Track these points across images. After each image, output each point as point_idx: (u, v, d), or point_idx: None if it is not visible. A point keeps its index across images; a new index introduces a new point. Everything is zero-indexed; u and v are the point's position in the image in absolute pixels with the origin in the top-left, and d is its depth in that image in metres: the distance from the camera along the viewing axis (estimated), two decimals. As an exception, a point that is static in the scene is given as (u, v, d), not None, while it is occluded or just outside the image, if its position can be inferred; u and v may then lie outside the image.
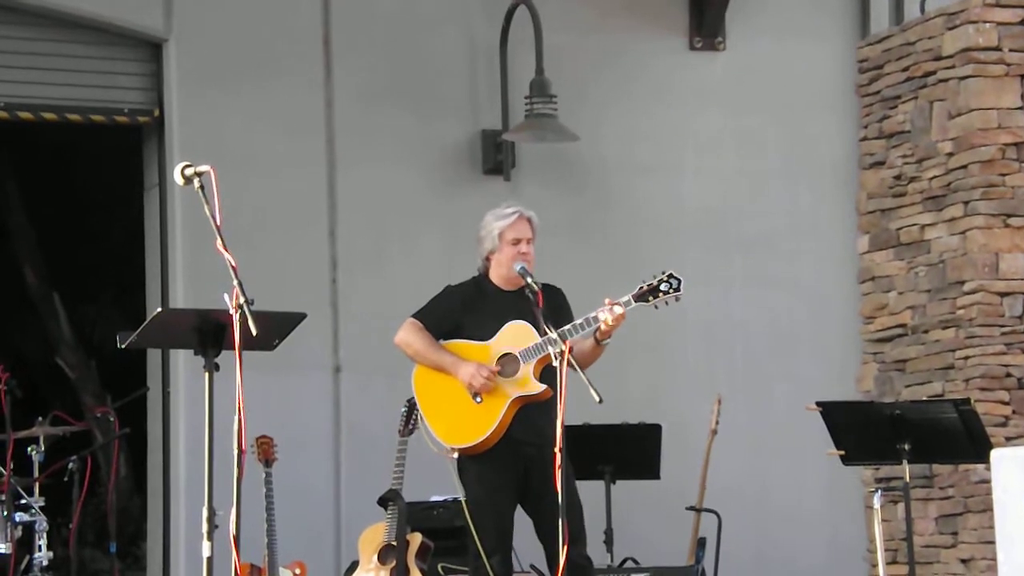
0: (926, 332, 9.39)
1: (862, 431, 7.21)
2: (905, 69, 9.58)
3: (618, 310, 6.39)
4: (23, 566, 7.71)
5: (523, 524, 6.70)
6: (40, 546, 7.71)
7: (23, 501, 7.76)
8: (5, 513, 7.51)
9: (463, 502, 6.57)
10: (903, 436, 7.06)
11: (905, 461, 7.08)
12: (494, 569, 6.49)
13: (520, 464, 6.56)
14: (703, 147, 9.69)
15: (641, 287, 6.49)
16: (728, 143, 9.72)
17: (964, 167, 9.24)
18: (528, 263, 6.62)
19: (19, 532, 7.65)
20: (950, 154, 9.31)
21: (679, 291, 6.49)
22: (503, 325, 6.61)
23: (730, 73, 9.78)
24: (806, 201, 9.82)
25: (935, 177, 9.39)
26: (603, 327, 6.43)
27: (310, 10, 9.13)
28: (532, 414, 6.56)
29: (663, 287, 6.47)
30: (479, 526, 6.53)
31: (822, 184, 9.86)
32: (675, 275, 6.50)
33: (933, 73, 9.40)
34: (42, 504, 7.80)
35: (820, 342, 9.71)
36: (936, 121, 9.40)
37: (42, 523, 7.73)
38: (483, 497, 6.56)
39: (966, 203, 9.24)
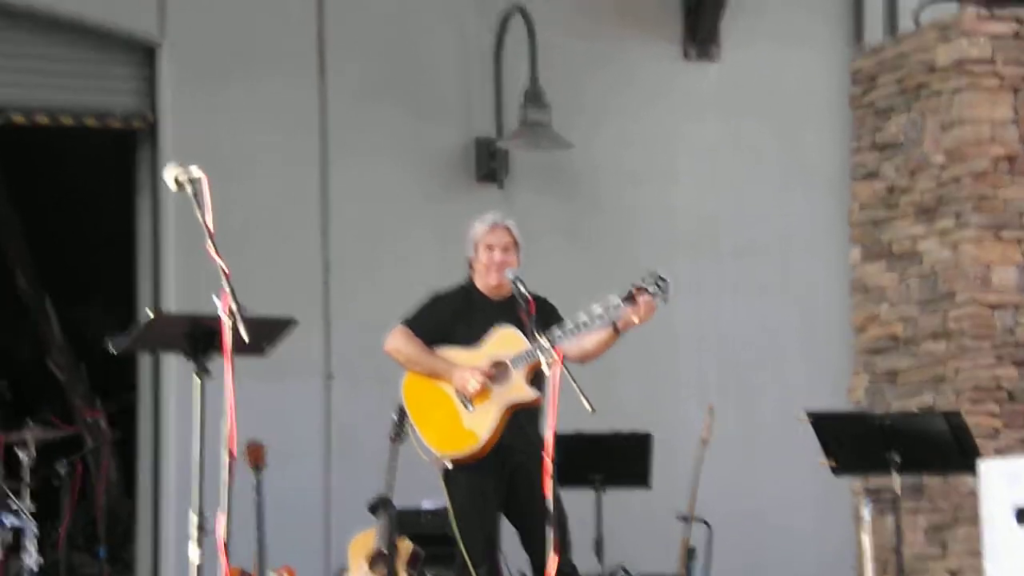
0: (917, 344, 9.40)
1: (852, 442, 7.21)
2: (898, 81, 9.59)
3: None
4: (13, 570, 7.69)
5: (512, 532, 6.69)
6: (30, 550, 7.69)
7: (12, 505, 7.74)
8: (-6, 517, 7.51)
9: (449, 511, 6.55)
10: (893, 447, 7.07)
11: (895, 472, 7.09)
12: (481, 579, 6.49)
13: (506, 472, 6.55)
14: (696, 156, 9.71)
15: (629, 290, 6.48)
16: (721, 152, 9.74)
17: (956, 179, 9.25)
18: (503, 271, 6.59)
19: (8, 536, 7.64)
20: (942, 166, 9.32)
21: (667, 293, 6.47)
22: (491, 332, 6.60)
23: (724, 82, 9.79)
24: (798, 211, 9.83)
25: (927, 189, 9.40)
26: (634, 320, 6.41)
27: (304, 14, 9.13)
28: (520, 421, 6.55)
29: (651, 289, 6.45)
30: (466, 535, 6.52)
31: (814, 194, 9.88)
32: (663, 276, 6.48)
33: (926, 85, 9.42)
34: (32, 508, 7.78)
35: (811, 352, 9.71)
36: (929, 133, 9.41)
37: (31, 527, 7.72)
38: (469, 506, 6.54)
39: (958, 215, 9.25)
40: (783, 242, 9.77)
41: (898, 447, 7.06)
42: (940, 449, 7.08)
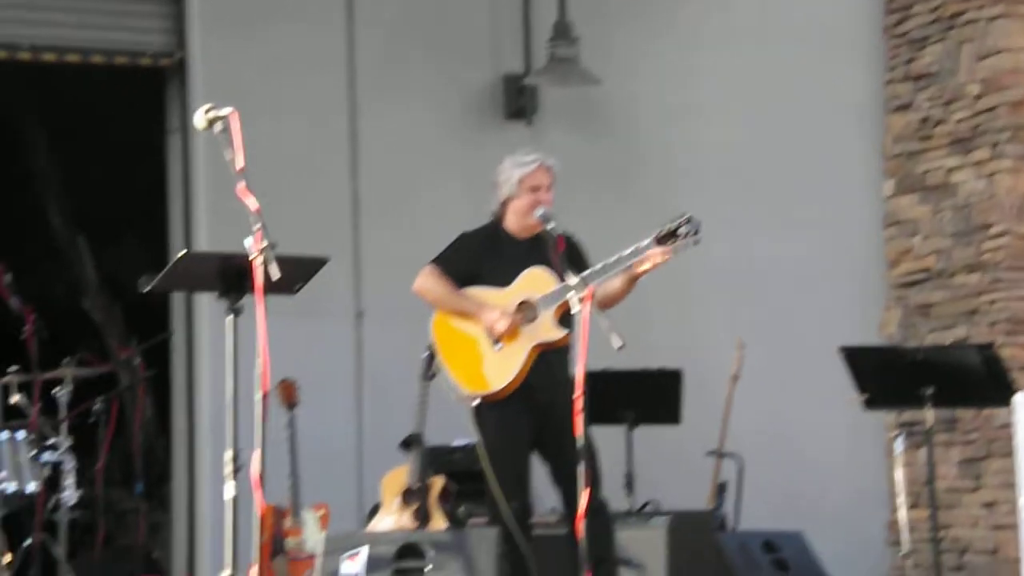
0: (951, 276, 9.37)
1: (885, 376, 7.21)
2: (933, 10, 9.51)
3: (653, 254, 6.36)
4: (51, 505, 7.77)
5: (542, 469, 6.71)
6: (67, 486, 7.77)
7: (50, 441, 7.81)
8: (33, 453, 7.57)
9: (480, 449, 6.57)
10: (926, 381, 7.06)
11: (928, 406, 7.08)
12: (512, 514, 6.51)
13: (536, 410, 6.57)
14: (728, 90, 9.65)
15: (659, 231, 6.46)
16: (754, 86, 9.68)
17: (992, 109, 9.19)
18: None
19: (47, 472, 7.71)
20: (978, 96, 9.26)
21: (698, 234, 6.44)
22: (520, 272, 6.60)
23: (756, 14, 9.72)
24: (831, 144, 9.78)
25: (962, 120, 9.35)
26: (646, 266, 6.39)
27: (333, -47, 9.10)
28: (550, 360, 6.56)
29: (681, 230, 6.42)
30: (496, 471, 6.54)
31: (848, 127, 9.82)
32: (693, 218, 6.45)
33: (961, 14, 9.34)
34: (69, 444, 7.85)
35: (844, 287, 9.69)
36: (964, 63, 9.34)
37: (69, 463, 7.79)
38: (499, 444, 6.56)
39: (993, 146, 9.19)
40: (816, 176, 9.72)
41: (931, 381, 7.06)
42: (974, 382, 7.07)
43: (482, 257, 6.68)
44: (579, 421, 5.87)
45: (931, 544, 7.26)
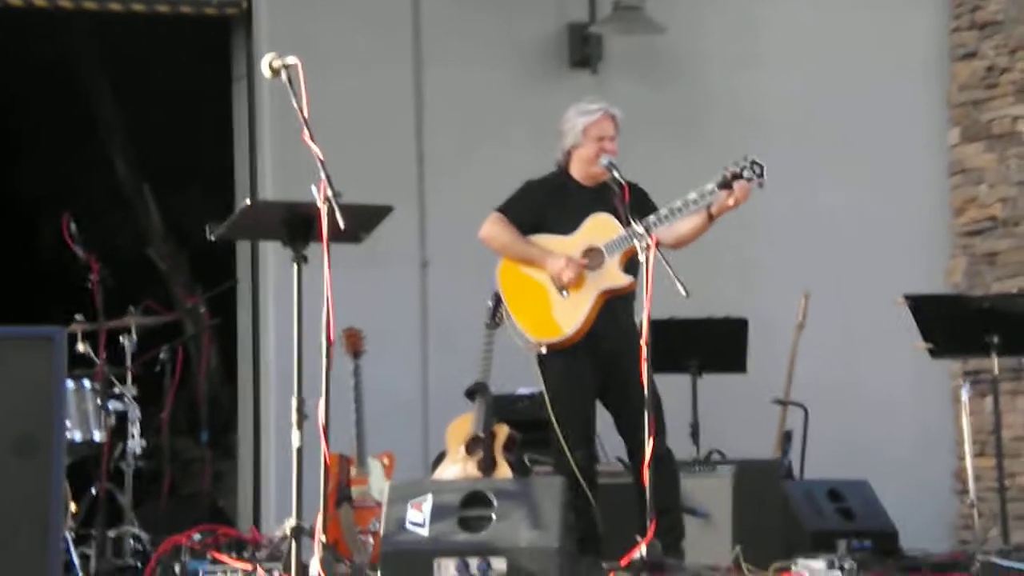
0: (1016, 225, 9.31)
1: (951, 324, 7.18)
2: (999, -43, 9.42)
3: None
4: (117, 454, 7.84)
5: (607, 417, 6.72)
6: (133, 434, 7.83)
7: (116, 390, 7.86)
8: (99, 401, 7.63)
9: (545, 397, 6.58)
10: (992, 329, 7.03)
11: (994, 354, 7.04)
12: (577, 463, 6.53)
13: (601, 358, 6.57)
14: (792, 39, 9.60)
15: (724, 175, 6.44)
16: (818, 35, 9.61)
17: (1058, 57, 9.11)
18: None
19: (113, 420, 7.77)
20: (1044, 44, 9.17)
21: (763, 177, 6.42)
22: (585, 219, 6.60)
23: (822, -37, 9.66)
24: (897, 93, 9.71)
25: (1028, 68, 9.27)
26: (729, 204, 6.36)
27: (396, -98, 9.08)
28: (615, 307, 6.57)
29: (746, 174, 6.40)
30: (561, 419, 6.56)
31: (913, 76, 9.75)
32: (758, 161, 6.42)
33: (1028, -39, 9.24)
34: (135, 393, 7.91)
35: (909, 235, 9.64)
36: (1030, 10, 9.25)
37: (135, 412, 7.84)
38: (565, 391, 6.58)
39: (1060, 94, 9.12)
40: (881, 124, 9.66)
41: (997, 329, 7.02)
42: (1040, 331, 7.03)
43: (547, 205, 6.68)
44: (644, 369, 5.88)
45: (997, 493, 7.24)
